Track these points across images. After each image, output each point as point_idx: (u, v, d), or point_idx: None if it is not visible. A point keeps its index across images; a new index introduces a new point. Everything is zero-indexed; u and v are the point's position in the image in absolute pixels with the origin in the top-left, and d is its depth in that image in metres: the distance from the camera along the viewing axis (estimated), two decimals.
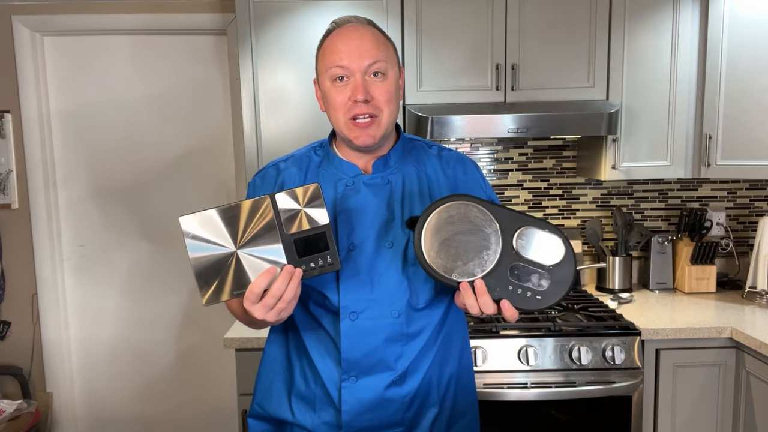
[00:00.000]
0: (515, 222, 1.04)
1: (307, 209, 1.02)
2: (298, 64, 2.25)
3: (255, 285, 0.99)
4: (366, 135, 1.14)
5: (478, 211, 1.04)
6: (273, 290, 0.99)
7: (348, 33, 1.15)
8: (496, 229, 1.04)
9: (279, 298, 0.99)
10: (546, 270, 1.03)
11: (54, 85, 2.72)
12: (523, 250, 1.03)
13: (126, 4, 2.61)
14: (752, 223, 2.72)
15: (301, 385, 1.22)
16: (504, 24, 2.26)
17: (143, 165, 2.77)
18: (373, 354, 1.16)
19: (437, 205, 1.04)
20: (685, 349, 2.07)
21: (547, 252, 1.04)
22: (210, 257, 0.99)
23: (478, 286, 1.02)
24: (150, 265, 2.79)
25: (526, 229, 1.04)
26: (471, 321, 2.11)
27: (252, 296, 0.99)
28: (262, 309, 1.00)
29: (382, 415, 1.18)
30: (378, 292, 1.16)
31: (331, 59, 1.14)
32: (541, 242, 1.04)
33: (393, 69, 1.17)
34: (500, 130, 2.17)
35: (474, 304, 1.02)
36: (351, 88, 1.13)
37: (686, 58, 2.30)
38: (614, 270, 2.57)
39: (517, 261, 1.03)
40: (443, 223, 1.03)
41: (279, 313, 1.01)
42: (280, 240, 1.01)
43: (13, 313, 2.74)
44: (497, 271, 1.03)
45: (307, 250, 1.02)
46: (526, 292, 1.03)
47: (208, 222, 0.99)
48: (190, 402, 2.90)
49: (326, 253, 1.02)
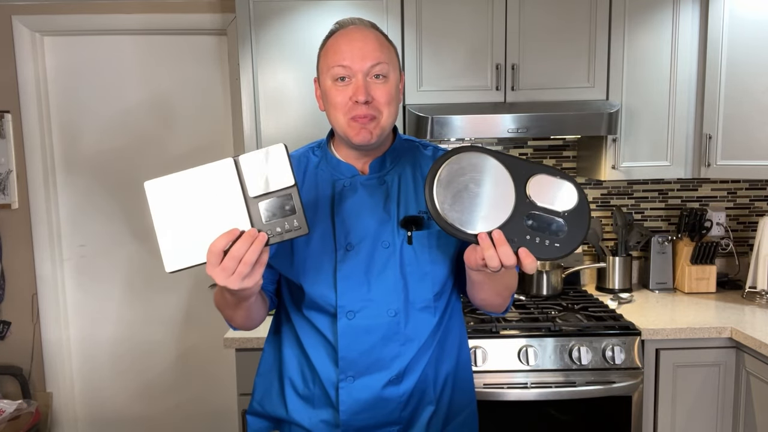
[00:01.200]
0: (526, 170, 1.01)
1: (272, 170, 0.97)
2: (298, 64, 2.25)
3: (213, 245, 0.94)
4: (365, 131, 1.14)
5: (488, 160, 1.00)
6: (233, 251, 0.93)
7: (351, 34, 1.15)
8: (509, 178, 1.00)
9: (239, 260, 0.93)
10: (561, 217, 1.00)
11: (54, 85, 2.72)
12: (537, 198, 1.00)
13: (126, 4, 2.61)
14: (752, 223, 2.72)
15: (300, 384, 1.23)
16: (504, 24, 2.26)
17: (143, 165, 2.77)
18: (370, 353, 1.17)
19: (447, 156, 1.00)
20: (685, 349, 2.07)
21: (560, 198, 1.01)
22: (174, 222, 0.96)
23: (497, 237, 0.97)
24: (150, 265, 2.79)
25: (539, 177, 1.01)
26: (471, 321, 2.11)
27: (212, 257, 0.94)
28: (222, 273, 0.94)
29: (379, 414, 1.18)
30: (375, 291, 1.16)
31: (334, 59, 1.14)
32: (554, 189, 1.01)
33: (394, 72, 1.17)
34: (500, 130, 2.17)
35: (494, 256, 0.97)
36: (352, 88, 1.13)
37: (686, 58, 2.30)
38: (614, 270, 2.57)
39: (532, 209, 1.00)
40: (455, 174, 0.99)
41: (241, 279, 0.94)
42: (244, 203, 0.96)
43: (13, 313, 2.74)
44: (513, 221, 0.99)
45: (273, 214, 0.97)
46: (545, 240, 0.99)
47: (174, 186, 0.96)
48: (190, 402, 2.90)
49: (292, 216, 0.97)
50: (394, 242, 1.17)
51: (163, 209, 0.96)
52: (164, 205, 0.96)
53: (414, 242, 1.17)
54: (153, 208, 0.96)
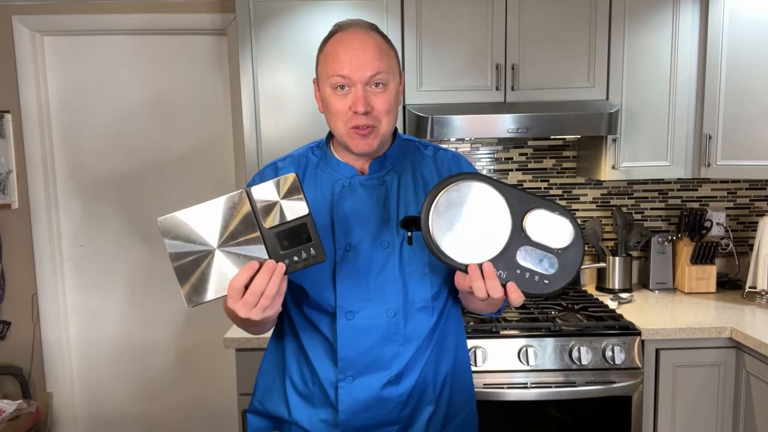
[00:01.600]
0: (525, 203, 1.00)
1: (285, 201, 0.97)
2: (298, 64, 2.25)
3: (234, 280, 0.96)
4: (364, 143, 1.14)
5: (488, 191, 1.00)
6: (253, 286, 0.95)
7: (351, 41, 1.13)
8: (506, 210, 1.00)
9: (261, 295, 0.96)
10: (554, 253, 1.00)
11: (54, 85, 2.72)
12: (533, 233, 1.00)
13: (126, 5, 2.61)
14: (752, 223, 2.72)
15: (300, 384, 1.23)
16: (504, 24, 2.26)
17: (143, 165, 2.77)
18: (369, 353, 1.17)
19: (447, 183, 1.00)
20: (685, 349, 2.07)
21: (556, 235, 1.00)
22: (190, 257, 0.97)
23: (487, 270, 0.98)
24: (150, 265, 2.79)
25: (536, 211, 1.00)
26: (471, 321, 2.11)
27: (233, 293, 0.96)
28: (244, 307, 0.96)
29: (379, 414, 1.19)
30: (374, 291, 1.16)
31: (333, 68, 1.13)
32: (551, 225, 1.00)
33: (394, 79, 1.17)
34: (500, 130, 2.17)
35: (481, 287, 0.98)
36: (351, 98, 1.12)
37: (686, 58, 2.30)
38: (614, 270, 2.57)
39: (526, 244, 1.00)
40: (453, 202, 1.00)
41: (263, 311, 0.97)
42: (260, 235, 0.97)
43: (13, 313, 2.74)
44: (506, 254, 0.99)
45: (289, 243, 0.98)
46: (534, 276, 0.99)
47: (187, 221, 0.96)
48: (190, 402, 2.90)
49: (309, 245, 0.98)
50: (394, 242, 1.18)
51: (177, 244, 0.96)
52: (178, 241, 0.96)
53: (414, 243, 1.17)
54: (167, 244, 0.96)
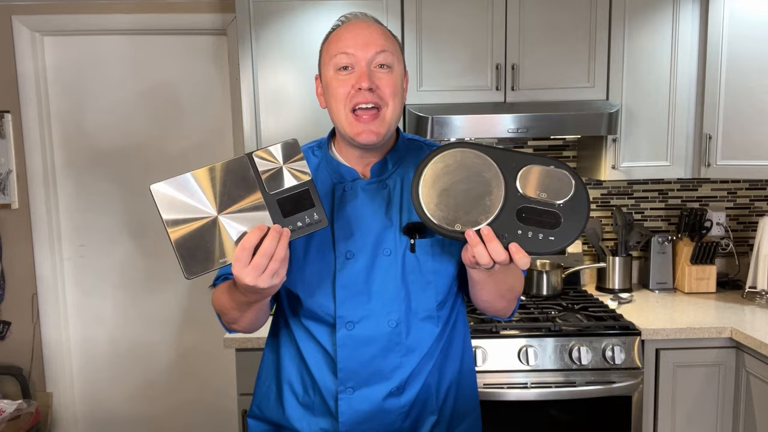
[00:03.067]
0: (517, 162, 0.98)
1: (288, 166, 0.96)
2: (298, 64, 2.25)
3: (245, 241, 0.91)
4: (369, 132, 1.09)
5: (474, 156, 0.98)
6: (263, 248, 0.91)
7: (356, 24, 1.12)
8: (497, 171, 0.97)
9: (270, 257, 0.91)
10: (556, 208, 0.96)
11: (54, 85, 2.72)
12: (529, 191, 0.97)
13: (126, 4, 2.61)
14: (752, 223, 2.72)
15: (300, 391, 1.20)
16: (504, 24, 2.26)
17: (143, 165, 2.77)
18: (370, 364, 1.13)
19: (432, 156, 0.98)
20: (685, 349, 2.07)
21: (555, 189, 0.97)
22: (189, 225, 0.92)
23: (486, 233, 0.95)
24: (150, 265, 2.79)
25: (530, 168, 0.97)
26: (471, 321, 2.11)
27: (242, 254, 0.91)
28: (253, 272, 0.91)
29: (380, 425, 1.15)
30: (375, 301, 1.12)
31: (336, 47, 1.10)
32: (548, 179, 0.97)
33: (399, 65, 1.13)
34: (500, 130, 2.17)
35: (483, 252, 0.94)
36: (355, 76, 1.08)
37: (686, 58, 2.30)
38: (614, 270, 2.57)
39: (524, 203, 0.96)
40: (440, 173, 0.98)
41: (272, 277, 0.93)
42: (263, 200, 0.94)
43: (13, 313, 2.74)
44: (503, 216, 0.96)
45: (292, 209, 0.96)
46: (537, 234, 0.96)
47: (184, 188, 0.92)
48: (190, 402, 2.90)
49: (312, 210, 0.96)
50: (396, 250, 1.13)
51: (174, 212, 0.92)
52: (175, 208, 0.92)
53: (417, 250, 1.13)
54: (163, 212, 0.92)
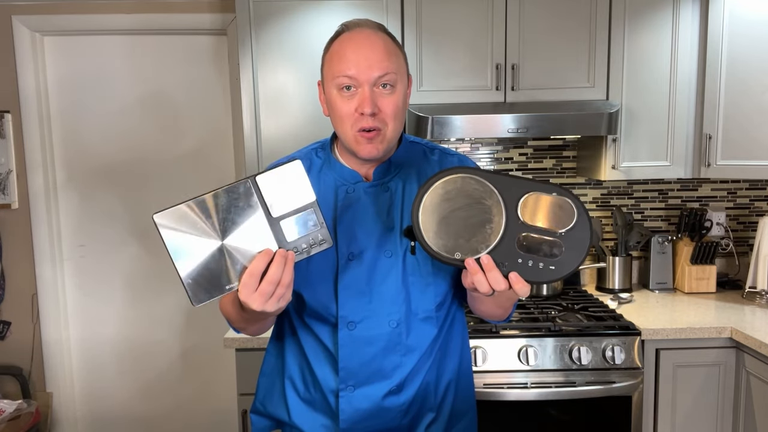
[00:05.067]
0: (519, 189, 0.96)
1: (292, 189, 0.95)
2: (298, 64, 2.25)
3: (253, 267, 0.92)
4: (371, 147, 1.11)
5: (475, 182, 0.96)
6: (269, 275, 0.92)
7: (358, 40, 1.10)
8: (498, 199, 0.96)
9: (277, 284, 0.93)
10: (557, 237, 0.95)
11: (54, 85, 2.72)
12: (530, 219, 0.96)
13: (126, 4, 2.61)
14: (752, 223, 2.72)
15: (301, 387, 1.22)
16: (504, 24, 2.26)
17: (143, 165, 2.77)
18: (371, 363, 1.15)
19: (432, 182, 0.97)
20: (685, 349, 2.07)
21: (556, 217, 0.96)
22: (194, 252, 0.92)
23: (485, 262, 0.94)
24: (150, 265, 2.79)
25: (531, 196, 0.96)
26: (471, 321, 2.11)
27: (250, 281, 0.92)
28: (260, 298, 0.92)
29: (380, 423, 1.17)
30: (376, 301, 1.14)
31: (339, 68, 1.09)
32: (550, 207, 0.96)
33: (402, 81, 1.13)
34: (500, 130, 2.17)
35: (483, 281, 0.94)
36: (358, 99, 1.09)
37: (686, 58, 2.30)
38: (614, 270, 2.57)
39: (524, 231, 0.95)
40: (440, 200, 0.96)
41: (278, 301, 0.94)
42: (267, 224, 0.94)
43: (13, 313, 2.74)
44: (503, 244, 0.95)
45: (297, 231, 0.95)
46: (538, 263, 0.95)
47: (187, 216, 0.91)
48: (190, 402, 2.90)
49: (316, 231, 0.96)
50: (397, 252, 1.15)
51: (178, 241, 0.91)
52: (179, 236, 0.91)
53: (417, 252, 1.14)
54: (168, 241, 0.91)
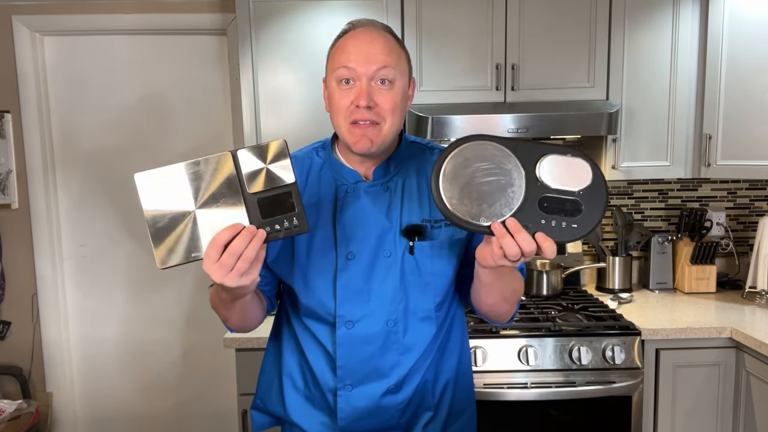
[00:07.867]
0: (535, 152, 0.97)
1: (272, 167, 0.94)
2: (298, 64, 2.25)
3: (217, 237, 0.90)
4: (365, 139, 1.10)
5: (493, 148, 0.97)
6: (232, 247, 0.90)
7: (360, 36, 1.12)
8: (516, 163, 0.96)
9: (238, 257, 0.90)
10: (577, 196, 0.96)
11: (54, 85, 2.72)
12: (549, 180, 0.96)
13: (126, 4, 2.61)
14: (752, 223, 2.72)
15: (301, 385, 1.23)
16: (504, 24, 2.26)
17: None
18: (368, 363, 1.16)
19: (450, 150, 0.97)
20: (685, 349, 2.07)
21: (574, 177, 0.96)
22: (167, 216, 0.92)
23: (512, 225, 0.93)
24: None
25: (548, 157, 0.97)
26: (471, 321, 2.11)
27: (212, 251, 0.90)
28: (220, 269, 0.90)
29: (378, 421, 1.18)
30: (374, 301, 1.15)
31: (339, 60, 1.11)
32: (566, 168, 0.96)
33: (402, 78, 1.13)
34: (500, 130, 2.17)
35: (512, 243, 0.92)
36: (355, 92, 1.09)
37: (686, 58, 2.30)
38: (614, 270, 2.57)
39: (545, 192, 0.96)
40: (459, 167, 0.96)
41: (240, 276, 0.91)
42: (242, 199, 0.93)
43: (13, 313, 2.74)
44: (526, 207, 0.95)
45: (272, 211, 0.94)
46: (561, 223, 0.96)
47: (166, 179, 0.92)
48: (190, 402, 2.90)
49: (292, 214, 0.94)
50: (396, 251, 1.15)
51: (154, 202, 0.93)
52: (156, 199, 0.93)
53: (416, 252, 1.15)
54: (144, 200, 0.93)
